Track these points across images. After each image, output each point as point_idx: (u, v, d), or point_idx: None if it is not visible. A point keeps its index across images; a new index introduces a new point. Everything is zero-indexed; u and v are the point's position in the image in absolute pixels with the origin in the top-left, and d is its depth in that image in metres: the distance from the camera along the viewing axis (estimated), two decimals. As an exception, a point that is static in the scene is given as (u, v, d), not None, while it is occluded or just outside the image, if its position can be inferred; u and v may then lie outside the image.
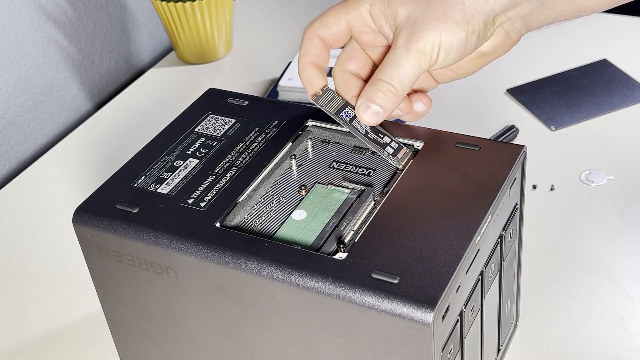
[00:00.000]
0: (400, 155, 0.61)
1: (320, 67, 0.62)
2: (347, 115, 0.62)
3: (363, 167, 0.61)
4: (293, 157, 0.62)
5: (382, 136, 0.61)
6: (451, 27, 0.57)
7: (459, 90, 1.06)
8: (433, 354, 0.49)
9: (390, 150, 0.61)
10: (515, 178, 0.60)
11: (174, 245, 0.55)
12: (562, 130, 0.96)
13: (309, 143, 0.64)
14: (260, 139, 0.64)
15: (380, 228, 0.55)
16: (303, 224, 0.57)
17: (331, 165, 0.62)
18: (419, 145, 0.62)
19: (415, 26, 0.57)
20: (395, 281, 0.50)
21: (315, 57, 0.62)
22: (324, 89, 0.62)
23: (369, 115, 0.59)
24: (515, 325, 0.71)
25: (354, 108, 0.62)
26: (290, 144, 0.64)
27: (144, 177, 0.62)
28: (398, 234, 0.54)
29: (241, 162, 0.62)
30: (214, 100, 0.70)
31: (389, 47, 0.62)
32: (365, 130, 0.61)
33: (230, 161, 0.62)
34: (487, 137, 0.84)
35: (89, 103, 1.16)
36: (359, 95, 0.62)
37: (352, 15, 0.60)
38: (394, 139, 0.62)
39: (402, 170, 0.60)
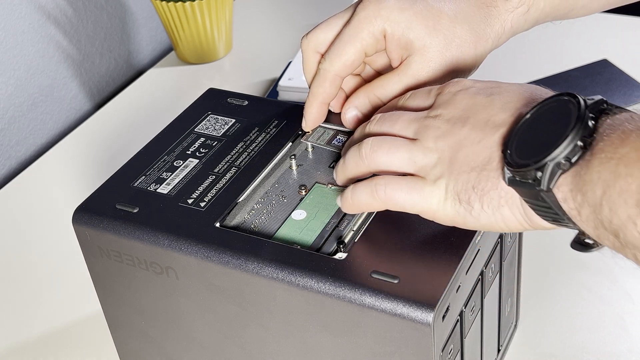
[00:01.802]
0: None
1: (327, 104, 0.63)
2: (338, 142, 0.63)
3: (363, 167, 0.61)
4: (293, 157, 0.62)
5: None
6: (467, 60, 0.59)
7: (459, 90, 1.06)
8: (433, 354, 0.49)
9: None
10: (515, 178, 0.60)
11: (174, 245, 0.55)
12: (562, 130, 0.96)
13: (309, 143, 0.64)
14: (260, 139, 0.64)
15: (380, 228, 0.55)
16: (303, 224, 0.57)
17: (331, 165, 0.62)
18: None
19: (431, 65, 0.59)
20: (395, 281, 0.50)
21: (328, 96, 0.62)
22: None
23: (352, 119, 0.62)
24: (515, 325, 0.71)
25: (344, 134, 0.64)
26: (290, 144, 0.64)
27: (144, 177, 0.62)
28: (398, 234, 0.54)
29: (241, 162, 0.62)
30: (214, 100, 0.70)
31: (388, 62, 0.63)
32: None
33: (230, 161, 0.62)
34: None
35: (88, 103, 1.16)
36: (353, 91, 0.63)
37: (367, 43, 0.59)
38: None
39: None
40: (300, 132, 0.65)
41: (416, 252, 0.52)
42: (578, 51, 1.10)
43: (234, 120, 0.67)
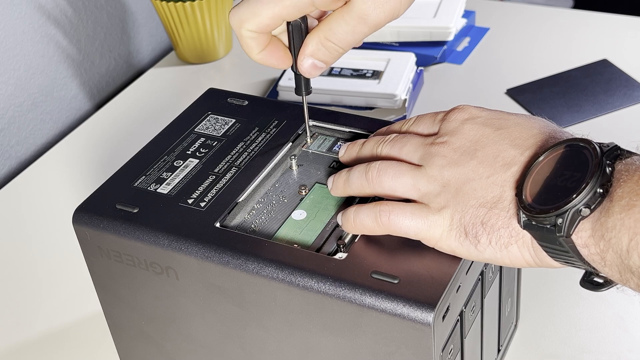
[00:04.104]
0: None
1: (266, 51, 0.57)
2: (339, 147, 0.63)
3: (363, 167, 0.61)
4: (293, 157, 0.62)
5: None
6: None
7: (459, 91, 1.06)
8: (433, 354, 0.49)
9: None
10: (516, 178, 0.60)
11: (174, 245, 0.55)
12: (562, 130, 0.96)
13: (310, 151, 0.64)
14: (260, 139, 0.64)
15: (381, 228, 0.54)
16: (303, 224, 0.57)
17: (331, 165, 0.62)
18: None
19: (376, 3, 0.53)
20: (395, 281, 0.50)
21: (262, 47, 0.56)
22: (314, 135, 0.65)
23: (310, 68, 0.56)
24: (515, 325, 0.71)
25: (345, 140, 0.64)
26: (290, 144, 0.64)
27: (144, 177, 0.62)
28: (398, 234, 0.54)
29: (241, 162, 0.62)
30: (214, 100, 0.70)
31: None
32: None
33: (230, 161, 0.62)
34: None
35: (88, 103, 1.16)
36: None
37: (287, 12, 0.53)
38: None
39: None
40: (300, 132, 0.65)
41: (416, 252, 0.52)
42: (578, 51, 1.10)
43: (234, 120, 0.67)
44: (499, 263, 0.50)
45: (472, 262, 0.54)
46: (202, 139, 0.65)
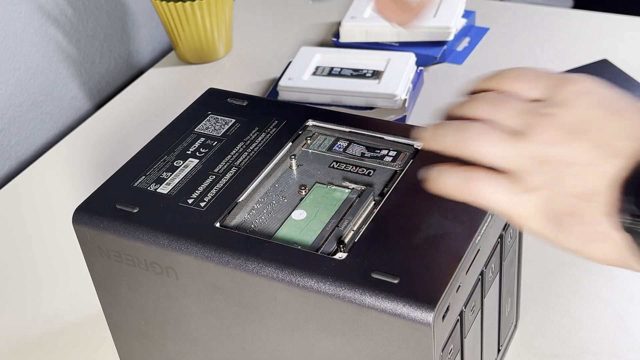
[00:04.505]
0: (399, 159, 0.61)
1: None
2: (339, 147, 0.63)
3: (363, 167, 0.61)
4: (293, 157, 0.62)
5: (378, 152, 0.62)
6: None
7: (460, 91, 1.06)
8: (433, 354, 0.49)
9: (389, 159, 0.61)
10: (515, 178, 0.60)
11: (174, 245, 0.55)
12: (562, 130, 0.96)
13: (310, 151, 0.64)
14: (260, 139, 0.64)
15: (380, 228, 0.55)
16: (303, 224, 0.57)
17: (331, 165, 0.62)
18: (418, 145, 0.62)
19: None
20: (395, 281, 0.50)
21: None
22: (314, 135, 0.65)
23: None
24: (515, 325, 0.71)
25: (345, 140, 0.64)
26: (290, 144, 0.64)
27: (144, 177, 0.62)
28: (398, 234, 0.54)
29: (241, 162, 0.62)
30: (214, 100, 0.70)
31: None
32: (361, 152, 0.63)
33: (230, 161, 0.62)
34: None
35: (88, 103, 1.16)
36: None
37: None
38: (390, 148, 0.62)
39: (402, 170, 0.60)
40: (300, 132, 0.65)
41: (416, 252, 0.52)
42: (578, 51, 1.10)
43: (234, 120, 0.67)
44: (577, 254, 0.47)
45: (472, 262, 0.54)
46: (202, 139, 0.65)
